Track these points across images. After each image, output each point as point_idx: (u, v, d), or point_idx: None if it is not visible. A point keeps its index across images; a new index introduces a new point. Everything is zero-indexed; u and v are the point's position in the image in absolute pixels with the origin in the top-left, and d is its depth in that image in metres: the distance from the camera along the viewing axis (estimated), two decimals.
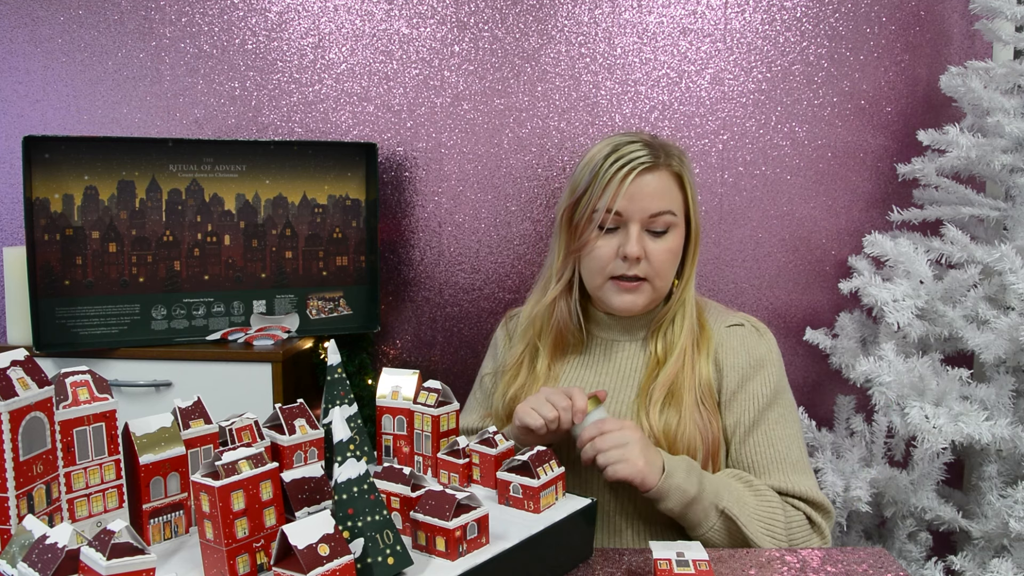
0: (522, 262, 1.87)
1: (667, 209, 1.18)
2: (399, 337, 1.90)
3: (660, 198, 1.18)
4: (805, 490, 1.15)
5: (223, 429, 0.89)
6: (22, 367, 0.74)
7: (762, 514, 1.10)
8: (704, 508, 1.08)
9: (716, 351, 1.22)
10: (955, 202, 1.66)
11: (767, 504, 1.11)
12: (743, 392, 1.19)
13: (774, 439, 1.18)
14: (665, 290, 1.23)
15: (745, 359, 1.21)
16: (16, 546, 0.68)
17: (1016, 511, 1.41)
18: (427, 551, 0.81)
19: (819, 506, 1.16)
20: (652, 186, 1.18)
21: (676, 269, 1.24)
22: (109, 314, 1.61)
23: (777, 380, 1.22)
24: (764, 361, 1.21)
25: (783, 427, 1.20)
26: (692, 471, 1.09)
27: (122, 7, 1.83)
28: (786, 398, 1.23)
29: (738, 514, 1.08)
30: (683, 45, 1.82)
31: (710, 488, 1.09)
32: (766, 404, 1.19)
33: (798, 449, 1.19)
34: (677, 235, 1.21)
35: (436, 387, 1.03)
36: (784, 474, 1.16)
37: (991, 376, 1.55)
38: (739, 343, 1.22)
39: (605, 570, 0.94)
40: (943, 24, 1.81)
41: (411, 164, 1.86)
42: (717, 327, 1.24)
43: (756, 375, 1.20)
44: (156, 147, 1.62)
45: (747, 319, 1.27)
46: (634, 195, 1.17)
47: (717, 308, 1.30)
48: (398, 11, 1.83)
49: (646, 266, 1.19)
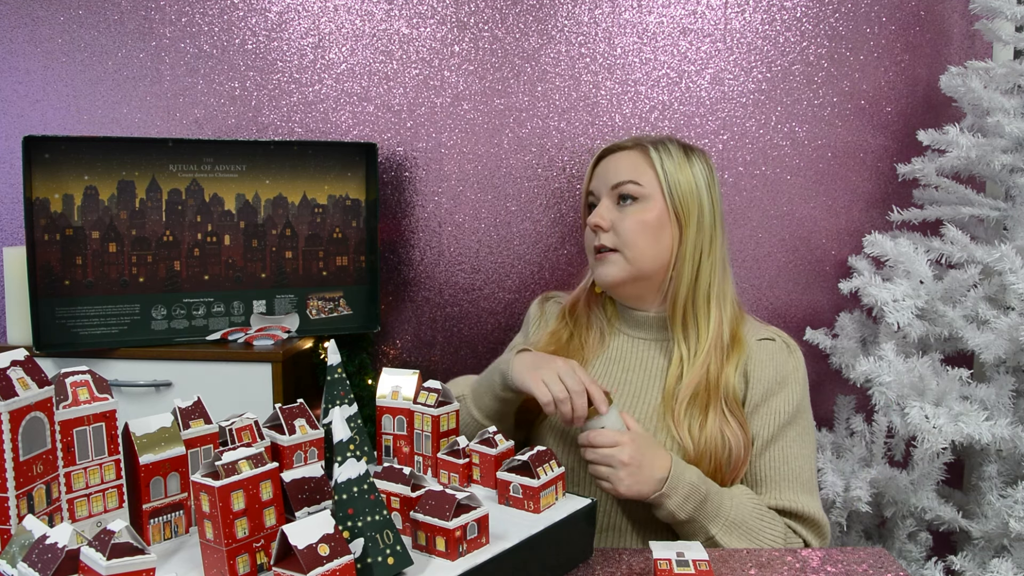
0: (522, 262, 1.87)
1: (628, 179, 1.25)
2: (399, 337, 1.90)
3: (621, 170, 1.27)
4: (810, 511, 1.17)
5: (223, 429, 0.89)
6: (22, 367, 0.74)
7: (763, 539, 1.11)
8: (692, 531, 1.11)
9: (746, 364, 1.23)
10: (955, 202, 1.66)
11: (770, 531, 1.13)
12: (766, 406, 1.20)
13: (789, 456, 1.19)
14: (641, 263, 1.24)
15: (772, 374, 1.22)
16: (16, 546, 0.68)
17: (1016, 511, 1.41)
18: (427, 551, 0.81)
19: (819, 529, 1.17)
20: (615, 163, 1.29)
21: (656, 246, 1.24)
22: (109, 314, 1.61)
23: (800, 399, 1.22)
24: (790, 378, 1.22)
25: (800, 446, 1.21)
26: (691, 499, 1.09)
27: (122, 7, 1.83)
28: (807, 418, 1.24)
29: (728, 542, 1.10)
30: (683, 45, 1.82)
31: (707, 514, 1.10)
32: (787, 421, 1.20)
33: (810, 470, 1.21)
34: (648, 208, 1.24)
35: (436, 387, 1.03)
36: (794, 492, 1.17)
37: (991, 376, 1.55)
38: (768, 357, 1.23)
39: (605, 570, 0.94)
40: (943, 24, 1.81)
41: (411, 164, 1.86)
42: (749, 340, 1.25)
43: (781, 391, 1.21)
44: (156, 147, 1.62)
45: (779, 334, 1.28)
46: (599, 172, 1.31)
47: (752, 321, 1.31)
48: (398, 11, 1.83)
49: (613, 236, 1.25)
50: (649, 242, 1.23)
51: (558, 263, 1.86)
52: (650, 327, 1.29)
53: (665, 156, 1.25)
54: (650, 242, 1.23)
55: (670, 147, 1.27)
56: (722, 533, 1.10)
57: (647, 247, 1.23)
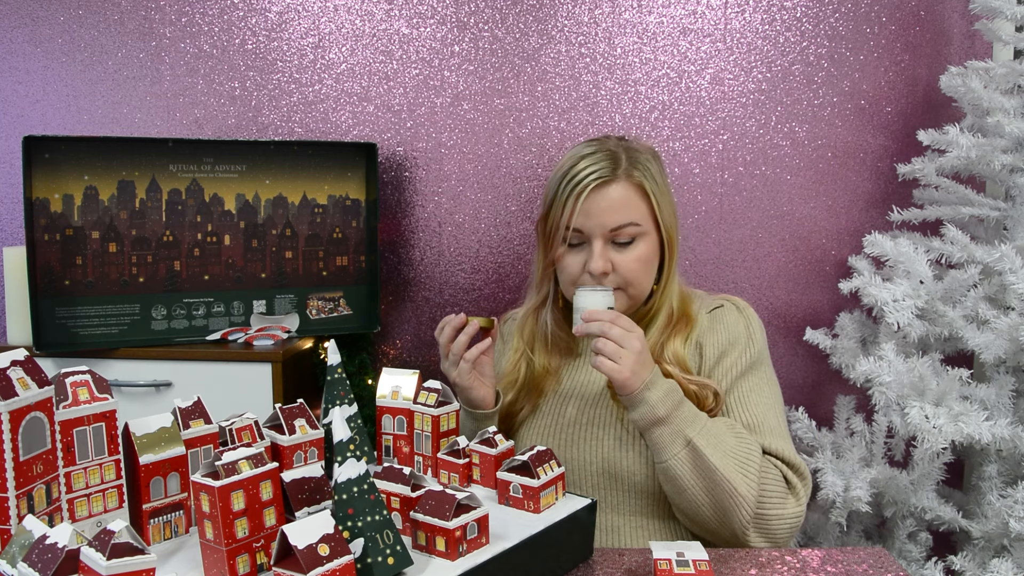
0: (522, 262, 1.87)
1: (628, 221, 1.19)
2: (399, 337, 1.90)
3: (617, 211, 1.18)
4: (781, 450, 1.15)
5: (223, 429, 0.89)
6: (22, 367, 0.74)
7: (740, 453, 1.09)
8: (670, 433, 1.08)
9: (698, 336, 1.23)
10: (955, 202, 1.66)
11: (746, 446, 1.11)
12: (720, 366, 1.21)
13: (748, 404, 1.18)
14: (641, 296, 1.24)
15: (724, 336, 1.22)
16: (16, 546, 0.68)
17: (1016, 511, 1.41)
18: (427, 551, 0.81)
19: (796, 468, 1.15)
20: (608, 200, 1.18)
21: (653, 273, 1.24)
22: (109, 314, 1.61)
23: (756, 353, 1.22)
24: (741, 336, 1.22)
25: (758, 394, 1.20)
26: (670, 396, 1.09)
27: (122, 7, 1.83)
28: (764, 371, 1.23)
29: (705, 446, 1.07)
30: (683, 45, 1.82)
31: (684, 416, 1.09)
32: (740, 373, 1.20)
33: (775, 417, 1.19)
34: (647, 243, 1.21)
35: (436, 387, 1.03)
36: (759, 435, 1.15)
37: (991, 376, 1.55)
38: (719, 323, 1.24)
39: (605, 570, 0.94)
40: (943, 24, 1.81)
41: (411, 164, 1.86)
42: (700, 314, 1.26)
43: (733, 349, 1.21)
44: (156, 147, 1.62)
45: (728, 299, 1.29)
46: (591, 211, 1.18)
47: (701, 296, 1.32)
48: (398, 11, 1.83)
49: (616, 277, 1.20)
50: (648, 274, 1.23)
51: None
52: None
53: (652, 183, 1.21)
54: (649, 273, 1.23)
55: (647, 164, 1.22)
56: (700, 437, 1.07)
57: (647, 279, 1.23)
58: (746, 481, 1.08)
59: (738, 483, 1.07)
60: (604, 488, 1.19)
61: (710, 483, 1.07)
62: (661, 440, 1.09)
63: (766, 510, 1.11)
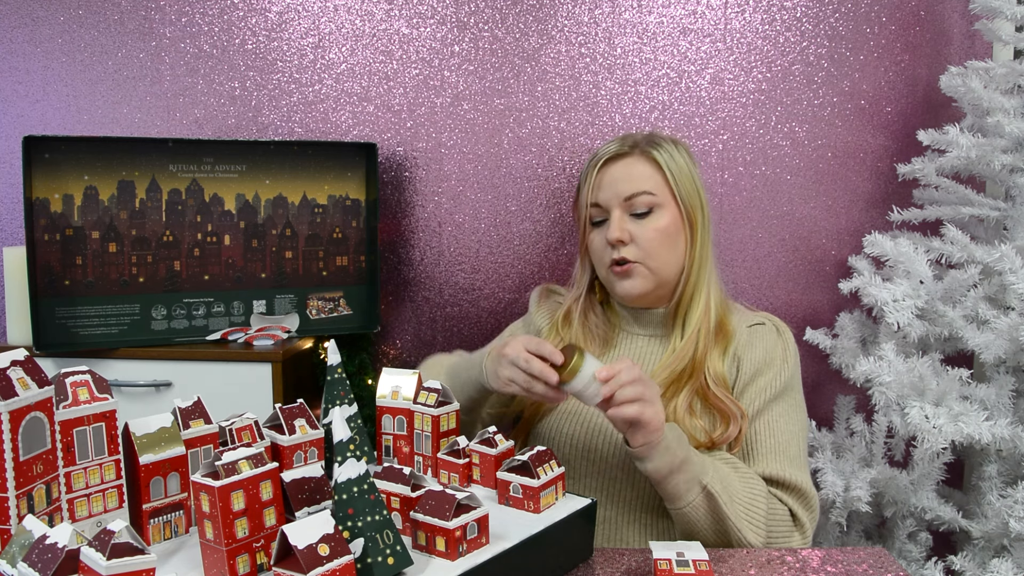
0: (522, 262, 1.87)
1: (641, 190, 1.23)
2: (399, 337, 1.90)
3: (631, 181, 1.23)
4: (797, 480, 1.15)
5: (223, 429, 0.89)
6: (22, 367, 0.74)
7: (745, 499, 1.09)
8: (687, 480, 1.06)
9: (736, 349, 1.23)
10: (955, 202, 1.66)
11: (751, 490, 1.11)
12: (754, 385, 1.21)
13: (776, 430, 1.19)
14: (664, 272, 1.24)
15: (761, 355, 1.23)
16: (16, 546, 0.68)
17: (1016, 511, 1.41)
18: (427, 551, 0.81)
19: (806, 500, 1.16)
20: (621, 171, 1.25)
21: (676, 250, 1.25)
22: (109, 314, 1.61)
23: (789, 377, 1.23)
24: (778, 358, 1.23)
25: (787, 422, 1.20)
26: (682, 440, 1.08)
27: (122, 7, 1.83)
28: (796, 397, 1.24)
29: (720, 492, 1.06)
30: (683, 45, 1.82)
31: (696, 461, 1.08)
32: (774, 396, 1.20)
33: (797, 446, 1.20)
34: (665, 215, 1.23)
35: (436, 387, 1.03)
36: (779, 463, 1.16)
37: (991, 376, 1.55)
38: (759, 340, 1.24)
39: (605, 570, 0.94)
40: (943, 24, 1.81)
41: (411, 164, 1.86)
42: (740, 327, 1.26)
43: (768, 370, 1.22)
44: (156, 147, 1.62)
45: (769, 318, 1.29)
46: (605, 183, 1.25)
47: (741, 309, 1.32)
48: (398, 11, 1.83)
49: (635, 249, 1.22)
50: (669, 249, 1.24)
51: (558, 263, 1.86)
52: (657, 324, 1.30)
53: (667, 157, 1.25)
54: (670, 249, 1.24)
55: (666, 145, 1.26)
56: (714, 483, 1.06)
57: (668, 255, 1.24)
58: (753, 529, 1.08)
59: (746, 531, 1.08)
60: (604, 488, 1.19)
61: (721, 528, 1.08)
62: (677, 488, 1.06)
63: (771, 544, 1.12)
